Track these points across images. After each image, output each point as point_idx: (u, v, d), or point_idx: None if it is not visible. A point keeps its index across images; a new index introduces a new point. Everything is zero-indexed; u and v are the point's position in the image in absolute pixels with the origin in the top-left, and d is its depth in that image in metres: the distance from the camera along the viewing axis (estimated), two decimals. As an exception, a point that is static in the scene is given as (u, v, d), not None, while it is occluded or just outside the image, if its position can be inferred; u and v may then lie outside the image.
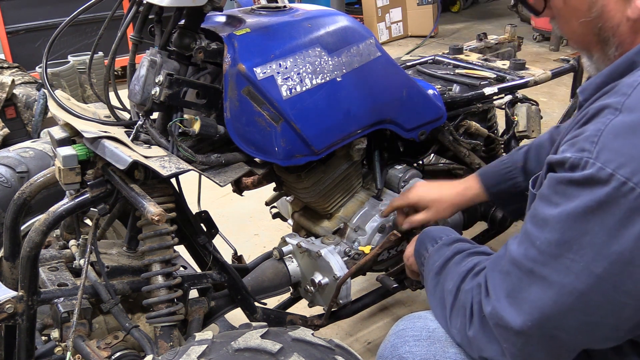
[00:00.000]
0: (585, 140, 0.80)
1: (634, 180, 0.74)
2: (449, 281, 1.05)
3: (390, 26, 6.77)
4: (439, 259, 1.12)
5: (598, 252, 0.78)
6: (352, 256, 1.60)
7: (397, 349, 1.08)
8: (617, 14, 0.89)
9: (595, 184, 0.77)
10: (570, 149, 0.82)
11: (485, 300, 0.93)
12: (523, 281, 0.86)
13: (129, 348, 1.31)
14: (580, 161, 0.79)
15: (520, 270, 0.87)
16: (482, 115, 2.00)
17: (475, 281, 0.99)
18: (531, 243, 0.85)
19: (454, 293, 1.02)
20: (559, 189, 0.82)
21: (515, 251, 0.89)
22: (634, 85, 0.81)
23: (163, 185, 1.32)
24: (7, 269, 1.47)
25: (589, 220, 0.78)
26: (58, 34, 1.36)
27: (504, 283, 0.90)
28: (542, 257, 0.83)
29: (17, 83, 3.45)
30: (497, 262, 0.95)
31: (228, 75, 1.31)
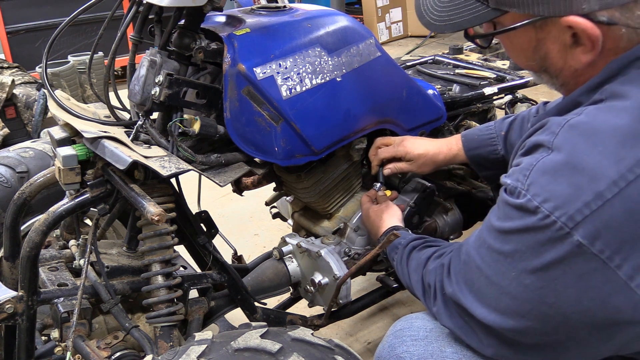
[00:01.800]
0: (519, 172, 0.90)
1: (555, 215, 0.84)
2: (413, 273, 1.20)
3: (390, 26, 6.77)
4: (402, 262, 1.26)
5: (525, 267, 0.88)
6: (352, 256, 1.60)
7: (395, 348, 1.09)
8: (559, 61, 0.96)
9: (525, 211, 0.87)
10: (511, 176, 0.92)
11: (447, 280, 1.05)
12: (474, 274, 0.98)
13: (129, 348, 1.31)
14: (515, 190, 0.89)
15: (472, 263, 0.98)
16: (482, 115, 2.00)
17: (437, 262, 1.12)
18: (482, 243, 0.97)
19: (420, 280, 1.16)
20: (502, 206, 0.93)
21: (472, 245, 1.00)
22: (562, 124, 0.89)
23: (163, 185, 1.32)
24: (7, 269, 1.47)
25: (519, 240, 0.89)
26: (58, 34, 1.36)
27: (462, 270, 1.01)
28: (488, 258, 0.95)
29: (17, 83, 3.45)
30: (460, 249, 1.05)
31: (228, 75, 1.31)
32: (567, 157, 0.85)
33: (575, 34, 0.91)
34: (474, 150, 1.53)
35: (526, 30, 0.95)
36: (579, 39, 0.91)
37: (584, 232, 0.82)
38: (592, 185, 0.83)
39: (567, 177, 0.84)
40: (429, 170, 1.59)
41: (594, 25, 0.88)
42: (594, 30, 0.88)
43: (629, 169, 0.82)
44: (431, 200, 1.66)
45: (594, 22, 0.88)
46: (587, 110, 0.89)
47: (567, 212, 0.83)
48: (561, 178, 0.85)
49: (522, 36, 0.97)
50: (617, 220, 0.82)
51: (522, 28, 0.94)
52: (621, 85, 0.89)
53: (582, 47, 0.92)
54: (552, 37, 0.94)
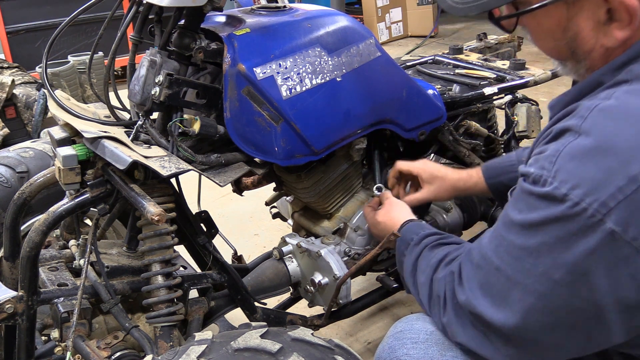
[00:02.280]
0: (545, 159, 0.85)
1: (586, 202, 0.79)
2: (421, 274, 1.12)
3: (390, 26, 6.77)
4: (411, 259, 1.19)
5: (555, 261, 0.83)
6: (352, 256, 1.60)
7: (395, 351, 1.08)
8: (590, 40, 0.91)
9: (552, 200, 0.82)
10: (535, 164, 0.87)
11: (459, 288, 0.98)
12: (492, 276, 0.92)
13: (129, 348, 1.31)
14: (540, 178, 0.84)
15: (489, 265, 0.92)
16: (482, 115, 2.00)
17: (447, 269, 1.05)
18: (500, 241, 0.91)
19: (428, 285, 1.09)
20: (524, 198, 0.87)
21: (487, 246, 0.94)
22: (591, 108, 0.84)
23: (163, 185, 1.32)
24: (7, 269, 1.47)
25: (547, 231, 0.83)
26: (58, 34, 1.36)
27: (477, 275, 0.95)
28: (508, 257, 0.89)
29: (17, 83, 3.45)
30: (471, 253, 0.99)
31: (228, 75, 1.31)
32: (597, 141, 0.81)
33: (610, 10, 0.86)
34: (495, 178, 1.47)
35: (557, 8, 0.90)
36: (614, 14, 0.86)
37: (616, 218, 0.78)
38: (625, 169, 0.78)
39: (597, 162, 0.80)
40: (447, 196, 1.54)
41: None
42: (632, 1, 0.83)
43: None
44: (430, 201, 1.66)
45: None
46: (617, 94, 0.85)
47: (598, 198, 0.78)
48: (591, 162, 0.80)
49: (552, 15, 0.91)
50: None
51: (553, 6, 0.89)
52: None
53: (618, 23, 0.86)
54: (585, 13, 0.88)
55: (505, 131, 2.05)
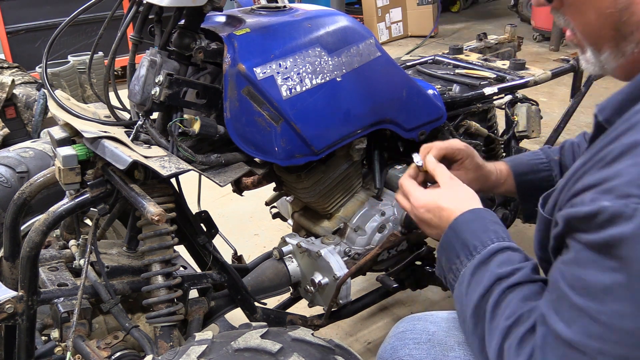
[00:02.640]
0: (627, 185, 0.66)
1: None
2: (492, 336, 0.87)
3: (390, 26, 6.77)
4: (477, 289, 0.92)
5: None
6: (352, 256, 1.60)
7: (397, 351, 1.07)
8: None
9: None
10: (606, 196, 0.68)
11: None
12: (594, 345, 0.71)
13: (129, 348, 1.31)
14: (626, 209, 0.65)
15: (583, 353, 0.72)
16: (482, 115, 2.00)
17: (525, 354, 0.80)
18: (591, 320, 0.70)
19: (497, 351, 0.85)
20: (608, 251, 0.68)
21: (570, 333, 0.73)
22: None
23: (163, 185, 1.32)
24: (7, 269, 1.47)
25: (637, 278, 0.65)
26: (58, 34, 1.36)
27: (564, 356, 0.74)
28: (615, 335, 0.69)
29: (17, 83, 3.45)
30: (546, 344, 0.77)
31: (228, 75, 1.31)
32: None
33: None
34: (524, 176, 1.32)
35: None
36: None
37: None
38: None
39: None
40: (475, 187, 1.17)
41: None
42: None
43: None
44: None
45: None
46: None
47: None
48: None
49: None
50: None
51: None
52: None
53: None
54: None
55: (505, 131, 2.05)
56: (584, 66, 0.90)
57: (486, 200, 1.90)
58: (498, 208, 1.93)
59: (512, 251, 0.96)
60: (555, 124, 2.33)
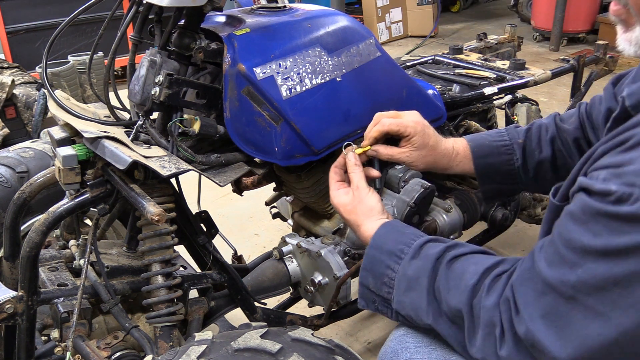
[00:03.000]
0: (635, 175, 0.71)
1: None
2: (452, 298, 0.94)
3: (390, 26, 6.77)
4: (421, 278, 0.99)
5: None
6: (352, 256, 1.60)
7: (398, 355, 1.05)
8: None
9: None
10: (615, 180, 0.73)
11: (516, 318, 0.84)
12: (562, 306, 0.79)
13: (129, 348, 1.31)
14: (630, 196, 0.71)
15: (557, 293, 0.79)
16: (482, 115, 2.00)
17: (497, 294, 0.89)
18: (569, 269, 0.77)
19: (467, 310, 0.91)
20: (601, 220, 0.74)
21: (549, 273, 0.80)
22: None
23: (163, 185, 1.32)
24: (7, 269, 1.47)
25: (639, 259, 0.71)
26: (58, 34, 1.36)
27: (538, 303, 0.81)
28: (586, 287, 0.75)
29: (17, 83, 3.45)
30: (524, 277, 0.85)
31: (228, 75, 1.31)
32: None
33: None
34: (484, 158, 1.31)
35: None
36: None
37: None
38: None
39: None
40: (422, 168, 1.33)
41: None
42: None
43: None
44: (431, 200, 1.66)
45: None
46: None
47: None
48: None
49: None
50: None
51: None
52: None
53: None
54: None
55: (505, 131, 2.05)
56: (622, 46, 0.88)
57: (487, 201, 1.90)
58: (498, 208, 1.92)
59: (436, 241, 1.03)
60: (555, 124, 2.33)
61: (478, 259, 0.97)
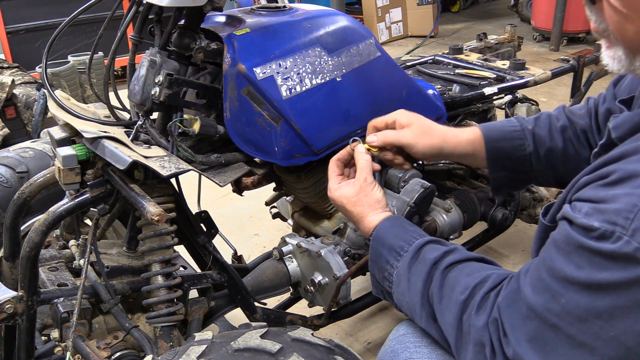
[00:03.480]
0: (617, 214, 0.72)
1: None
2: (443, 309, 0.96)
3: (390, 26, 6.77)
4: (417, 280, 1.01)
5: (630, 327, 0.73)
6: (352, 256, 1.60)
7: (398, 355, 1.06)
8: None
9: (629, 262, 0.71)
10: (598, 216, 0.74)
11: (504, 340, 0.85)
12: (546, 332, 0.80)
13: (129, 348, 1.31)
14: (612, 235, 0.72)
15: (542, 320, 0.80)
16: (482, 115, 2.00)
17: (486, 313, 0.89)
18: (552, 297, 0.78)
19: (455, 325, 0.93)
20: (583, 254, 0.75)
21: (533, 299, 0.81)
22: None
23: (163, 185, 1.32)
24: (7, 269, 1.47)
25: (623, 294, 0.72)
26: (58, 34, 1.36)
27: (524, 327, 0.82)
28: (569, 317, 0.77)
29: (17, 83, 3.45)
30: (511, 299, 0.85)
31: (228, 75, 1.31)
32: None
33: None
34: (496, 142, 1.27)
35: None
36: None
37: None
38: None
39: None
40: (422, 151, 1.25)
41: None
42: None
43: None
44: (431, 200, 1.66)
45: None
46: None
47: None
48: None
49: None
50: None
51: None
52: None
53: None
54: None
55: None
56: (606, 60, 0.89)
57: (487, 201, 1.91)
58: (498, 208, 1.92)
59: (437, 243, 1.05)
60: (555, 124, 2.33)
61: (472, 270, 0.98)
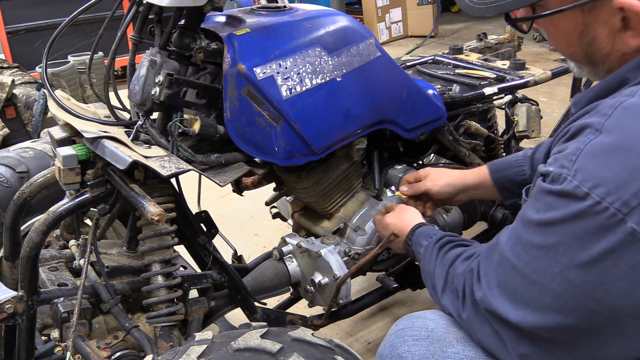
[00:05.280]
0: (565, 158, 0.84)
1: (608, 200, 0.78)
2: (439, 268, 1.14)
3: (390, 26, 6.77)
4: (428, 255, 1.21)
5: (571, 261, 0.82)
6: (352, 256, 1.60)
7: (396, 348, 1.09)
8: (607, 45, 0.91)
9: (571, 198, 0.81)
10: (554, 163, 0.86)
11: (477, 285, 0.98)
12: (509, 275, 0.91)
13: (129, 348, 1.31)
14: (560, 177, 0.83)
15: (507, 264, 0.92)
16: (482, 115, 2.00)
17: (466, 265, 1.05)
18: (517, 240, 0.90)
19: (444, 276, 1.11)
20: (542, 197, 0.87)
21: (504, 244, 0.94)
22: (615, 106, 0.83)
23: (163, 185, 1.32)
24: (7, 269, 1.47)
25: (565, 230, 0.83)
26: (58, 34, 1.36)
27: (495, 273, 0.95)
28: (525, 256, 0.88)
29: (17, 83, 3.45)
30: (489, 251, 0.99)
31: (228, 75, 1.31)
32: (620, 139, 0.80)
33: (626, 17, 0.86)
34: (500, 172, 1.47)
35: (573, 14, 0.90)
36: (629, 22, 0.86)
37: (638, 218, 0.77)
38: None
39: (620, 161, 0.79)
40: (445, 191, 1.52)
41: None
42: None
43: None
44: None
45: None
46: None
47: (621, 197, 0.78)
48: (614, 161, 0.79)
49: (568, 20, 0.91)
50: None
51: (569, 11, 0.89)
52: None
53: (632, 31, 0.87)
54: (601, 20, 0.89)
55: (505, 131, 2.05)
56: (571, 66, 1.03)
57: (487, 201, 1.91)
58: (498, 208, 1.93)
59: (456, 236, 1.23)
60: (555, 124, 2.33)
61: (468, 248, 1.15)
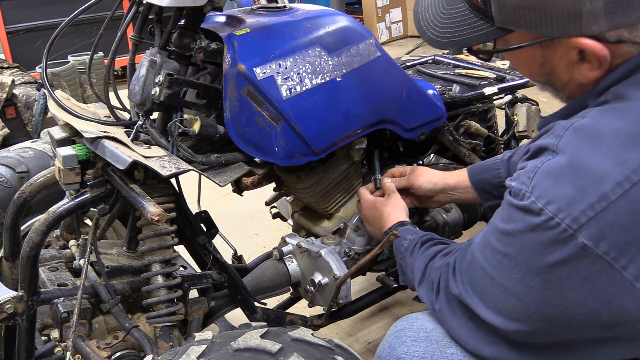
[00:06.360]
0: (524, 175, 0.91)
1: (559, 217, 0.84)
2: (419, 261, 1.21)
3: (390, 26, 6.77)
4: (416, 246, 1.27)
5: (530, 268, 0.89)
6: (352, 256, 1.60)
7: (395, 349, 1.09)
8: (565, 75, 0.97)
9: (528, 213, 0.88)
10: (516, 179, 0.92)
11: (452, 279, 1.05)
12: (479, 276, 0.98)
13: (129, 348, 1.31)
14: (520, 192, 0.90)
15: (477, 264, 0.99)
16: (482, 115, 2.00)
17: (444, 260, 1.13)
18: (487, 244, 0.97)
19: (422, 270, 1.19)
20: (506, 208, 0.93)
21: (477, 246, 1.00)
22: (567, 127, 0.90)
23: (163, 185, 1.32)
24: (7, 269, 1.47)
25: (523, 241, 0.89)
26: (58, 34, 1.36)
27: (467, 272, 1.02)
28: (492, 260, 0.95)
29: (17, 83, 3.45)
30: (465, 250, 1.06)
31: (228, 75, 1.31)
32: (571, 160, 0.87)
33: (583, 51, 0.91)
34: (478, 175, 1.52)
35: (532, 49, 0.96)
36: (585, 56, 0.92)
37: (588, 233, 0.83)
38: (596, 187, 0.83)
39: (571, 179, 0.85)
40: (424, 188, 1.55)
41: (603, 47, 0.89)
42: (602, 51, 0.89)
43: (633, 170, 0.83)
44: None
45: (602, 42, 0.89)
46: (591, 113, 0.91)
47: (571, 214, 0.84)
48: (565, 180, 0.86)
49: (528, 53, 0.98)
50: (622, 222, 0.83)
51: (528, 47, 0.96)
52: (625, 88, 0.90)
53: (589, 64, 0.93)
54: (559, 54, 0.95)
55: (505, 131, 2.05)
56: (537, 86, 1.10)
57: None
58: (498, 208, 1.92)
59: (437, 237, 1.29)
60: (555, 124, 2.32)
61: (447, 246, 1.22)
